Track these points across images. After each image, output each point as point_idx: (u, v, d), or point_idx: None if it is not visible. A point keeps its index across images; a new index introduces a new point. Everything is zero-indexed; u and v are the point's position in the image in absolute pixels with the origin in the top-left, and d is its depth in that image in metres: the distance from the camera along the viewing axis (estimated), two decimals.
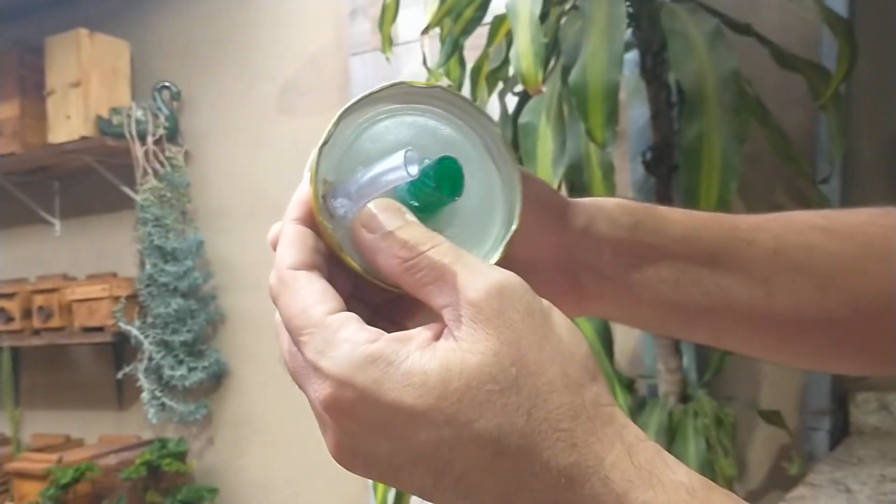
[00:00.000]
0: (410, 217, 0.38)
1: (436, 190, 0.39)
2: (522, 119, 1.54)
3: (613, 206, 0.49)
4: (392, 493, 1.80)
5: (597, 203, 0.50)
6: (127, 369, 3.06)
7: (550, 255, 0.49)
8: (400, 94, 0.41)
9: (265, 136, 3.03)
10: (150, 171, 3.06)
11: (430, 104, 0.42)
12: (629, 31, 1.71)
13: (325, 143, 0.39)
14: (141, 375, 2.99)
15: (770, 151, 1.68)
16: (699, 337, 0.54)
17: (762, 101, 1.65)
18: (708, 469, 1.55)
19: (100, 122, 3.08)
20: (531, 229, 0.46)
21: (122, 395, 3.35)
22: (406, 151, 0.37)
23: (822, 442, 1.91)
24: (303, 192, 0.40)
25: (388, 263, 0.37)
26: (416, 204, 0.39)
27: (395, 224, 0.37)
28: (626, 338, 2.10)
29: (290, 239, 0.39)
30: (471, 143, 0.42)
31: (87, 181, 3.38)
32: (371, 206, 0.38)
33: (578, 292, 0.50)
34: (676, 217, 0.50)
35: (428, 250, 0.36)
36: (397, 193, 0.40)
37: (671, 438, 1.61)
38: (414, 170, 0.37)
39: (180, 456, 2.97)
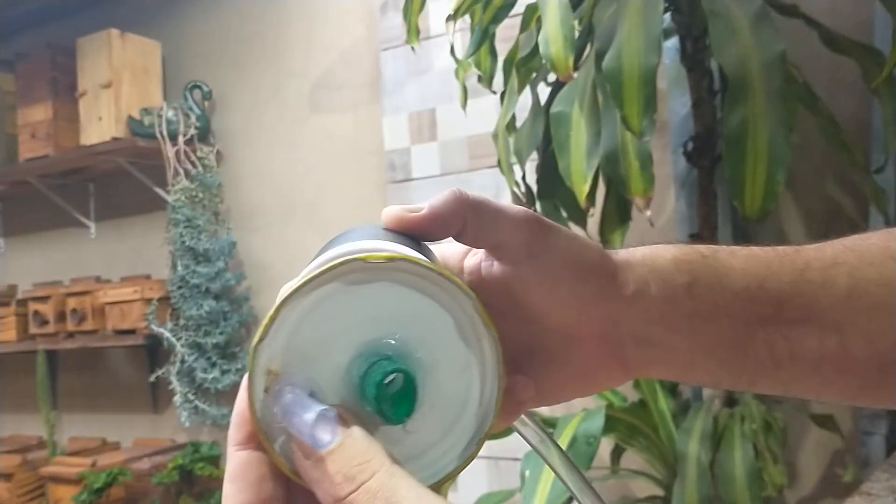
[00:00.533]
0: (354, 427, 0.33)
1: (379, 412, 0.34)
2: (554, 108, 1.46)
3: (667, 264, 0.44)
4: None
5: (649, 261, 0.44)
6: (160, 372, 3.03)
7: (593, 327, 0.44)
8: (357, 270, 0.34)
9: (297, 135, 2.99)
10: (181, 171, 3.03)
11: (392, 278, 0.35)
12: (668, 15, 1.63)
13: (260, 339, 0.34)
14: (173, 378, 2.96)
15: (820, 140, 1.60)
16: (763, 390, 0.47)
17: (811, 87, 1.56)
18: (756, 477, 1.46)
19: (131, 122, 3.06)
20: (572, 300, 0.42)
21: (157, 398, 3.32)
22: (318, 415, 0.32)
23: (879, 447, 1.82)
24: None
25: (324, 500, 0.32)
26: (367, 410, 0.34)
27: (331, 443, 0.32)
28: None
29: (231, 474, 0.35)
30: (438, 323, 0.36)
31: (121, 183, 3.37)
32: (308, 416, 0.33)
33: (622, 363, 0.45)
34: (739, 265, 0.44)
35: (357, 489, 0.31)
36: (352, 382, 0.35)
37: (716, 445, 1.53)
38: (326, 437, 0.32)
39: (213, 460, 2.93)
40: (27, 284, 3.62)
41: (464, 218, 0.40)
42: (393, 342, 0.35)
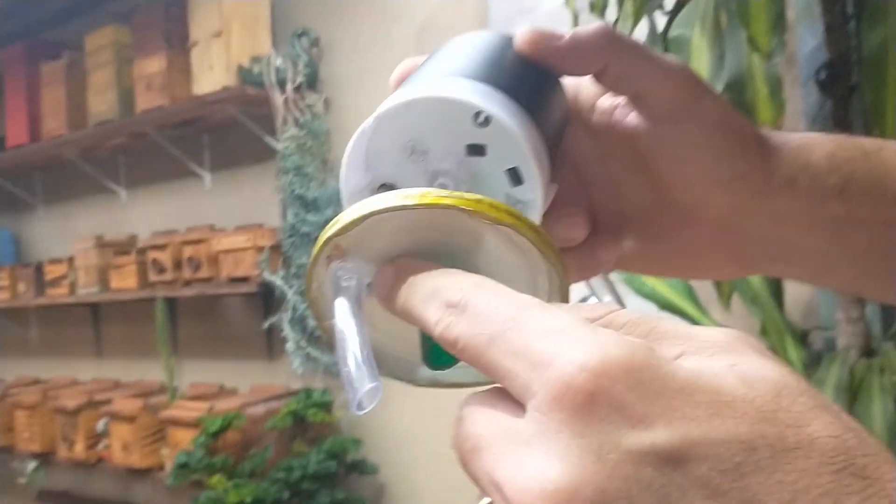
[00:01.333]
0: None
1: (422, 351, 0.33)
2: (673, 32, 1.35)
3: (821, 160, 0.37)
4: None
5: (803, 154, 0.37)
6: (273, 319, 3.06)
7: (718, 212, 0.37)
8: (451, 217, 0.30)
9: None
10: (290, 120, 3.02)
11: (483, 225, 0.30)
12: None
13: (331, 235, 0.31)
14: (286, 325, 2.98)
15: None
16: None
17: None
18: None
19: (241, 71, 3.06)
20: (706, 179, 0.36)
21: (272, 345, 3.36)
22: (372, 388, 0.30)
23: None
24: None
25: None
26: None
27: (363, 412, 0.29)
28: (797, 283, 1.89)
29: None
30: (521, 273, 0.32)
31: (234, 132, 3.39)
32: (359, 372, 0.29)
33: (740, 257, 0.40)
34: None
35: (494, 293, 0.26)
36: None
37: (852, 398, 1.41)
38: (365, 406, 0.30)
39: (325, 406, 2.95)
40: (146, 234, 3.71)
41: (608, 56, 0.35)
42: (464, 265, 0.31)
